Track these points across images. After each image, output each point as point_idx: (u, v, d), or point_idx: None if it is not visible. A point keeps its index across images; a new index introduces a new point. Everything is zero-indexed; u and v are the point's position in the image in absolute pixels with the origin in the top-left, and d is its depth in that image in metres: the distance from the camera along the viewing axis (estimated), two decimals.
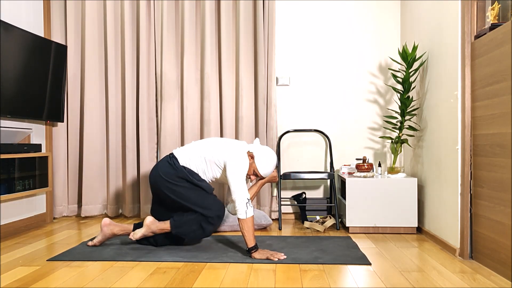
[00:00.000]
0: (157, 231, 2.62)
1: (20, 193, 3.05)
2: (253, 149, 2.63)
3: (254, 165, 2.60)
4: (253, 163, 2.60)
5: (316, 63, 3.79)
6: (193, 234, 2.58)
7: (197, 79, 3.75)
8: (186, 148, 2.69)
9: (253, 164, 2.60)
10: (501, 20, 2.30)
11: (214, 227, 2.59)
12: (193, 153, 2.64)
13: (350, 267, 2.28)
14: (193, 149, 2.65)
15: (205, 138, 2.76)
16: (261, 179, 2.75)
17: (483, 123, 2.28)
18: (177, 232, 2.57)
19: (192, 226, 2.56)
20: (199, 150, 2.64)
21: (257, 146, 2.64)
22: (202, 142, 2.69)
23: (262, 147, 2.64)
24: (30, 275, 2.15)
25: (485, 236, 2.28)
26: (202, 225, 2.56)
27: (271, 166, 2.62)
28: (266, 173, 2.63)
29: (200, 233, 2.58)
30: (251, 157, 2.61)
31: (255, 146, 2.65)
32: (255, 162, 2.59)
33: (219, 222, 2.60)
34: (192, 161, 2.62)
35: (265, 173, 2.62)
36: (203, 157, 2.62)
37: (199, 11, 3.76)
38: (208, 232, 2.59)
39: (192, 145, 2.69)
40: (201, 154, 2.63)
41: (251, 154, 2.61)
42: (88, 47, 3.74)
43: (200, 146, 2.66)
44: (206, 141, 2.69)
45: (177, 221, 2.57)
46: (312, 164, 3.79)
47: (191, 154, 2.64)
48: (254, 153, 2.60)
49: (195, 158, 2.63)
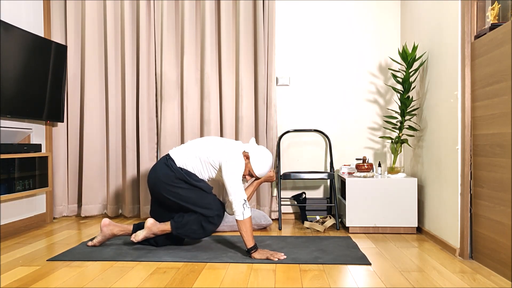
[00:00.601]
0: (158, 233, 2.62)
1: (20, 193, 3.05)
2: (248, 149, 2.62)
3: (249, 165, 2.59)
4: (248, 164, 2.59)
5: (316, 63, 3.79)
6: (194, 234, 2.58)
7: (197, 79, 3.75)
8: (182, 148, 2.67)
9: (248, 165, 2.59)
10: (501, 20, 2.30)
11: (214, 227, 2.59)
12: (189, 154, 2.63)
13: (350, 267, 2.28)
14: (189, 150, 2.64)
15: (201, 138, 2.74)
16: (257, 179, 2.75)
17: (483, 123, 2.28)
18: (178, 233, 2.57)
19: (193, 227, 2.56)
20: (194, 151, 2.63)
21: (253, 146, 2.63)
22: (197, 142, 2.67)
23: (257, 147, 2.63)
24: (30, 275, 2.15)
25: (485, 236, 2.28)
26: (203, 225, 2.56)
27: (267, 166, 2.61)
28: (261, 174, 2.62)
29: (201, 233, 2.58)
30: (246, 157, 2.60)
31: (250, 146, 2.64)
32: (250, 163, 2.58)
33: (220, 221, 2.60)
34: (188, 162, 2.62)
35: (260, 173, 2.61)
36: (199, 157, 2.61)
37: (199, 11, 3.76)
38: (209, 231, 2.59)
39: (188, 145, 2.67)
40: (196, 154, 2.62)
41: (246, 154, 2.60)
42: (88, 47, 3.74)
43: (196, 147, 2.64)
44: (202, 141, 2.67)
45: (178, 222, 2.57)
46: (312, 164, 3.79)
47: (187, 154, 2.63)
48: (250, 153, 2.59)
49: (191, 159, 2.62)
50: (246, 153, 2.60)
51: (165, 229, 2.60)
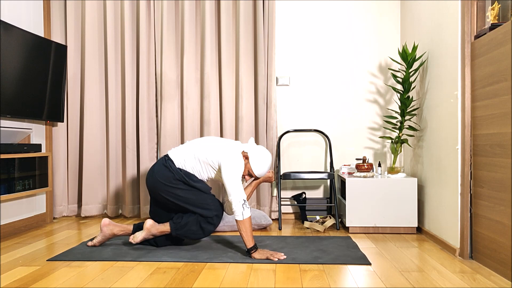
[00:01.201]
0: (157, 234, 2.62)
1: (20, 193, 3.05)
2: (247, 149, 2.61)
3: (248, 165, 2.58)
4: (247, 164, 2.58)
5: (316, 63, 3.79)
6: (193, 235, 2.58)
7: (197, 79, 3.75)
8: (181, 149, 2.67)
9: (247, 165, 2.58)
10: (501, 20, 2.30)
11: (213, 227, 2.59)
12: (188, 154, 2.62)
13: (350, 267, 2.28)
14: (188, 150, 2.63)
15: (200, 138, 2.73)
16: (256, 179, 2.75)
17: (483, 123, 2.28)
18: (178, 234, 2.57)
19: (192, 228, 2.56)
20: (193, 151, 2.62)
21: (252, 146, 2.63)
22: (196, 143, 2.66)
23: (256, 147, 2.62)
24: (30, 275, 2.15)
25: (485, 236, 2.28)
26: (202, 226, 2.56)
27: (266, 166, 2.61)
28: (261, 174, 2.61)
29: (200, 234, 2.58)
30: (245, 157, 2.59)
31: (249, 146, 2.63)
32: (249, 163, 2.58)
33: (218, 221, 2.60)
34: (187, 163, 2.61)
35: (260, 173, 2.61)
36: (197, 158, 2.61)
37: (199, 11, 3.76)
38: (208, 232, 2.59)
39: (187, 146, 2.67)
40: (195, 155, 2.61)
41: (245, 155, 2.59)
42: (88, 47, 3.74)
43: (194, 147, 2.63)
44: (200, 142, 2.66)
45: (177, 223, 2.57)
46: (312, 164, 3.79)
47: (185, 155, 2.62)
48: (249, 154, 2.59)
49: (190, 159, 2.61)
50: (245, 153, 2.60)
51: (164, 230, 2.60)
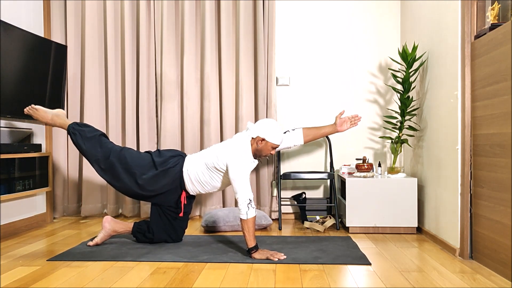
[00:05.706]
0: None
1: (20, 193, 3.05)
2: (255, 133, 2.62)
3: (269, 143, 2.61)
4: (267, 143, 2.61)
5: (316, 63, 3.79)
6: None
7: (197, 79, 3.75)
8: (194, 156, 2.74)
9: (267, 143, 2.61)
10: (501, 20, 2.30)
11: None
12: (198, 162, 2.68)
13: (350, 267, 2.28)
14: (198, 158, 2.70)
15: (207, 148, 2.82)
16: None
17: (483, 123, 2.28)
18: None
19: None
20: (201, 158, 2.68)
21: (257, 127, 2.62)
22: (204, 151, 2.73)
23: (262, 125, 2.61)
24: (30, 275, 2.15)
25: (485, 236, 2.28)
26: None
27: (280, 132, 2.64)
28: (281, 140, 2.65)
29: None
30: (260, 140, 2.61)
31: (255, 128, 2.63)
32: (268, 141, 2.60)
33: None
34: (196, 169, 2.66)
35: (280, 140, 2.64)
36: (204, 162, 2.65)
37: (199, 11, 3.76)
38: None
39: (198, 155, 2.73)
40: (202, 160, 2.66)
41: (259, 138, 2.61)
42: (88, 47, 3.74)
43: (203, 154, 2.69)
44: (207, 149, 2.73)
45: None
46: (312, 164, 3.79)
47: (196, 162, 2.69)
48: (260, 135, 2.60)
49: (198, 166, 2.67)
50: (257, 137, 2.61)
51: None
